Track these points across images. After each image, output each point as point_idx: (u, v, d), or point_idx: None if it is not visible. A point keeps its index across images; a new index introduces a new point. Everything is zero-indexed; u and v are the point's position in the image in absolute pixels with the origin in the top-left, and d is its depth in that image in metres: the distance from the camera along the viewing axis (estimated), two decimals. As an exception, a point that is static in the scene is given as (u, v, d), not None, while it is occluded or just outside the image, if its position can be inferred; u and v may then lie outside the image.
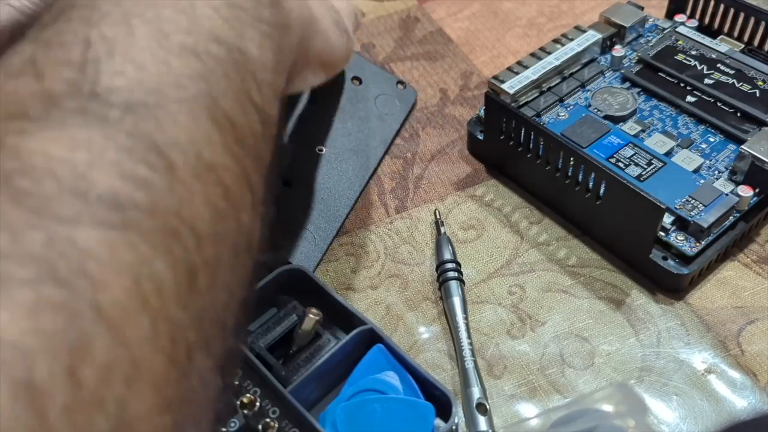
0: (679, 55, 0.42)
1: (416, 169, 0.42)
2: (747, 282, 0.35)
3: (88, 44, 0.18)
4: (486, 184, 0.41)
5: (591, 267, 0.36)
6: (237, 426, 0.29)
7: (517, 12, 0.52)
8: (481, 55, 0.49)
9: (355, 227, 0.39)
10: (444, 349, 0.33)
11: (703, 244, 0.34)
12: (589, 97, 0.41)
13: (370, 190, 0.41)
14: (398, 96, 0.44)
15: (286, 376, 0.30)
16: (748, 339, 0.33)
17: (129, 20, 0.19)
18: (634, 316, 0.34)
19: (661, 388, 0.31)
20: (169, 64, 0.19)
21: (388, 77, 0.45)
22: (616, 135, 0.39)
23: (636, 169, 0.37)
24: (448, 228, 0.38)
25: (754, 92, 0.39)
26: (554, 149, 0.36)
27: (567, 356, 0.33)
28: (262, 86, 0.22)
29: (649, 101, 0.41)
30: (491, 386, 0.32)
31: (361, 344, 0.31)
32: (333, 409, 0.29)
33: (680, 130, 0.39)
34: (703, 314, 0.34)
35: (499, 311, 0.35)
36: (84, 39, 0.18)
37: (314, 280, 0.33)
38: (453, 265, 0.35)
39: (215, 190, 0.19)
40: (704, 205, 0.35)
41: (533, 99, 0.41)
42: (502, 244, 0.37)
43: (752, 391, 0.31)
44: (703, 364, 0.32)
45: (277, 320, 0.32)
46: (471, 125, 0.42)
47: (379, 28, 0.52)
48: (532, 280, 0.36)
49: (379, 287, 0.36)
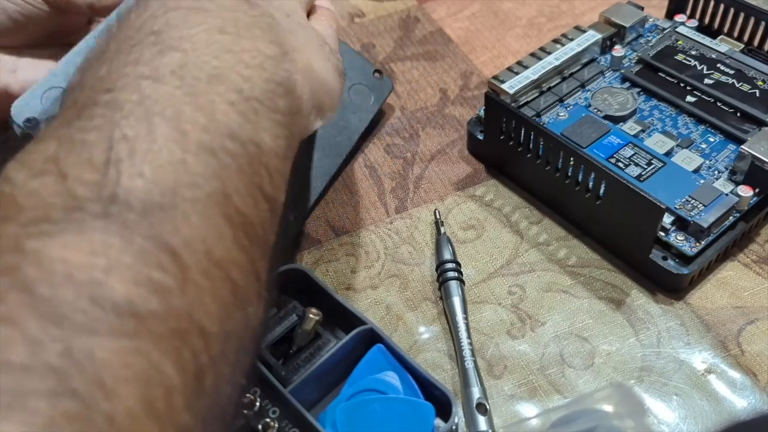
0: (679, 55, 0.42)
1: (416, 169, 0.42)
2: (747, 282, 0.35)
3: (110, 145, 0.19)
4: (486, 184, 0.41)
5: (591, 267, 0.36)
6: (237, 426, 0.29)
7: (517, 12, 0.52)
8: (481, 55, 0.49)
9: (355, 227, 0.39)
10: (444, 349, 0.33)
11: (703, 244, 0.34)
12: (589, 97, 0.41)
13: (370, 190, 0.41)
14: (373, 87, 0.43)
15: (286, 376, 0.30)
16: (748, 339, 0.33)
17: (150, 118, 0.19)
18: (634, 316, 0.34)
19: (661, 388, 0.31)
20: (186, 162, 0.19)
21: (365, 65, 0.43)
22: (616, 135, 0.39)
23: (636, 169, 0.37)
24: (448, 228, 0.38)
25: (754, 92, 0.39)
26: (554, 149, 0.36)
27: (567, 356, 0.33)
28: (273, 176, 0.22)
29: (649, 101, 0.41)
30: (491, 386, 0.32)
31: (361, 344, 0.31)
32: (333, 409, 0.29)
33: (680, 130, 0.39)
34: (703, 314, 0.34)
35: (499, 311, 0.35)
36: (107, 138, 0.19)
37: (314, 280, 0.33)
38: (453, 265, 0.35)
39: (224, 287, 0.19)
40: (704, 205, 0.35)
41: (533, 99, 0.41)
42: (502, 244, 0.38)
43: (752, 391, 0.31)
44: (703, 364, 0.32)
45: (277, 320, 0.32)
46: (471, 125, 0.42)
47: (379, 28, 0.52)
48: (532, 280, 0.36)
49: (379, 287, 0.36)
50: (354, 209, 0.40)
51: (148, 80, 0.20)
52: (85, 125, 0.19)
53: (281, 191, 0.23)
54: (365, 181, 0.41)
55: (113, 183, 0.18)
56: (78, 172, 0.18)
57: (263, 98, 0.22)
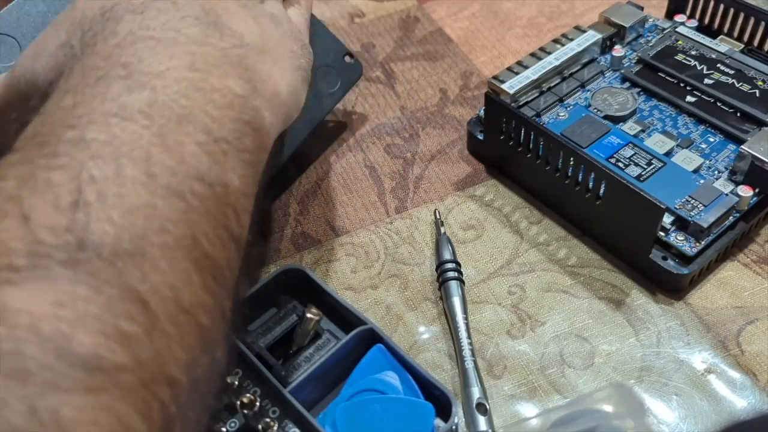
0: (679, 55, 0.42)
1: (416, 169, 0.42)
2: (747, 282, 0.35)
3: (77, 186, 0.18)
4: (486, 184, 0.41)
5: (591, 267, 0.36)
6: (237, 426, 0.29)
7: (517, 12, 0.52)
8: (481, 55, 0.49)
9: (355, 227, 0.39)
10: (444, 349, 0.33)
11: (702, 244, 0.34)
12: (589, 97, 0.41)
13: (370, 190, 0.41)
14: (342, 71, 0.40)
15: (286, 376, 0.30)
16: (748, 339, 0.33)
17: (118, 159, 0.19)
18: (634, 316, 0.34)
19: (661, 388, 0.31)
20: (155, 207, 0.19)
21: (336, 46, 0.40)
22: (616, 135, 0.39)
23: (636, 169, 0.37)
24: (448, 228, 0.38)
25: (754, 92, 0.39)
26: (554, 149, 0.36)
27: (567, 356, 0.33)
28: (240, 215, 0.22)
29: (649, 101, 0.41)
30: (491, 386, 0.32)
31: (361, 344, 0.31)
32: (333, 409, 0.29)
33: (680, 130, 0.39)
34: (703, 314, 0.34)
35: (499, 311, 0.35)
36: (74, 179, 0.18)
37: (314, 280, 0.33)
38: (453, 265, 0.35)
39: (192, 332, 0.19)
40: (704, 205, 0.35)
41: (533, 99, 0.41)
42: (502, 244, 0.38)
43: (752, 391, 0.31)
44: (703, 364, 0.32)
45: (277, 320, 0.32)
46: (471, 125, 0.42)
47: (379, 28, 0.52)
48: (532, 280, 0.36)
49: (379, 287, 0.36)
50: (354, 209, 0.40)
51: (117, 118, 0.19)
52: (49, 163, 0.18)
53: (247, 229, 0.22)
54: (365, 181, 0.41)
55: (81, 228, 0.17)
56: (42, 214, 0.17)
57: (231, 138, 0.22)
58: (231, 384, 0.30)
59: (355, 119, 0.45)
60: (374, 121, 0.45)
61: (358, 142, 0.44)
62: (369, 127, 0.45)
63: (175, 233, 0.19)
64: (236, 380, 0.30)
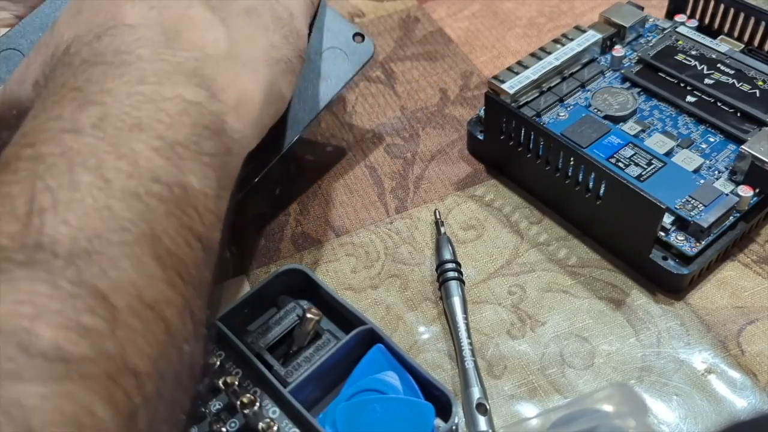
0: (679, 55, 0.42)
1: (416, 169, 0.42)
2: (747, 282, 0.35)
3: (33, 196, 0.19)
4: (486, 184, 0.41)
5: (591, 267, 0.36)
6: (237, 426, 0.29)
7: (517, 12, 0.52)
8: (481, 55, 0.49)
9: (355, 227, 0.39)
10: (444, 349, 0.33)
11: (703, 244, 0.34)
12: (589, 97, 0.41)
13: (370, 190, 0.41)
14: (350, 52, 0.38)
15: (286, 376, 0.30)
16: (748, 339, 0.33)
17: (72, 169, 0.20)
18: (634, 316, 0.34)
19: (661, 388, 0.31)
20: (111, 208, 0.19)
21: (345, 26, 0.38)
22: (616, 135, 0.39)
23: (636, 169, 0.37)
24: (448, 228, 0.38)
25: (754, 92, 0.39)
26: (554, 149, 0.36)
27: (567, 356, 0.33)
28: (204, 216, 0.22)
29: (649, 101, 0.41)
30: (491, 386, 0.32)
31: (361, 344, 0.31)
32: (333, 409, 0.29)
33: (680, 130, 0.39)
34: (703, 314, 0.34)
35: (499, 311, 0.35)
36: (29, 190, 0.19)
37: (314, 280, 0.33)
38: (453, 265, 0.35)
39: (157, 327, 0.19)
40: (704, 205, 0.35)
41: (533, 99, 0.41)
42: (502, 244, 0.38)
43: (752, 391, 0.31)
44: (703, 364, 0.32)
45: (277, 320, 0.32)
46: (471, 125, 0.42)
47: (379, 28, 0.52)
48: (532, 280, 0.36)
49: (379, 287, 0.36)
50: (354, 209, 0.40)
51: (70, 133, 0.20)
52: (7, 179, 0.19)
53: (214, 230, 0.23)
54: (365, 181, 0.41)
55: (36, 231, 0.18)
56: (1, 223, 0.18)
57: (188, 142, 0.22)
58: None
59: (355, 119, 0.45)
60: (374, 121, 0.45)
61: (358, 142, 0.44)
62: (369, 127, 0.45)
63: (135, 232, 0.20)
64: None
